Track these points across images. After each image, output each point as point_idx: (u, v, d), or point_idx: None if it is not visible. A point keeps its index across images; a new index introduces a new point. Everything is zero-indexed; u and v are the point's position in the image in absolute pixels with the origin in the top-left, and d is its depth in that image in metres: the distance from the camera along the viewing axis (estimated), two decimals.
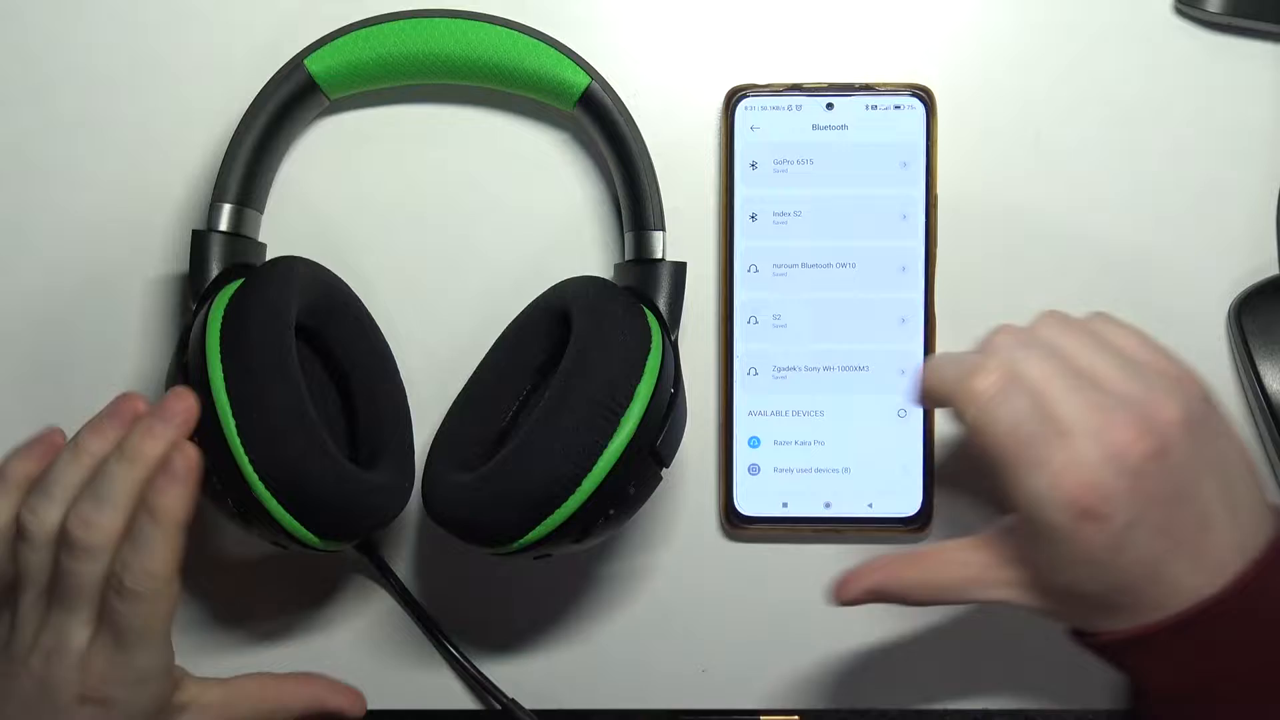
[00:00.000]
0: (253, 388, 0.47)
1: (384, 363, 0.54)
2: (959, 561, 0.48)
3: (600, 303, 0.50)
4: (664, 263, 0.53)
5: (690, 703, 0.58)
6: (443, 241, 0.57)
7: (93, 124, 0.57)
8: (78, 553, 0.46)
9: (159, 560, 0.46)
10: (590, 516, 0.48)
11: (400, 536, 0.57)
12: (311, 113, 0.55)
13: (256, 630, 0.58)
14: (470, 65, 0.54)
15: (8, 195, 0.57)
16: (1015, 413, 0.45)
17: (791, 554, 0.57)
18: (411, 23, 0.53)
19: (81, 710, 0.47)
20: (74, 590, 0.46)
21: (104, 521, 0.46)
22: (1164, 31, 0.56)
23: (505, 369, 0.53)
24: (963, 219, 0.56)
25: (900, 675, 0.58)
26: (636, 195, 0.53)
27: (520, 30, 0.54)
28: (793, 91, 0.55)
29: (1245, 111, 0.56)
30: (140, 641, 0.47)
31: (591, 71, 0.53)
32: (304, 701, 0.53)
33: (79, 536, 0.46)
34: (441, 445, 0.52)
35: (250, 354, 0.48)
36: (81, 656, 0.47)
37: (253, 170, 0.53)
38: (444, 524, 0.50)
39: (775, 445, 0.56)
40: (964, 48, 0.57)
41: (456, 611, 0.58)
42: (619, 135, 0.53)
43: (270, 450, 0.47)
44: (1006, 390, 0.46)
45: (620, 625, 0.58)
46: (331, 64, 0.53)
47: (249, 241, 0.53)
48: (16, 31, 0.57)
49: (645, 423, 0.48)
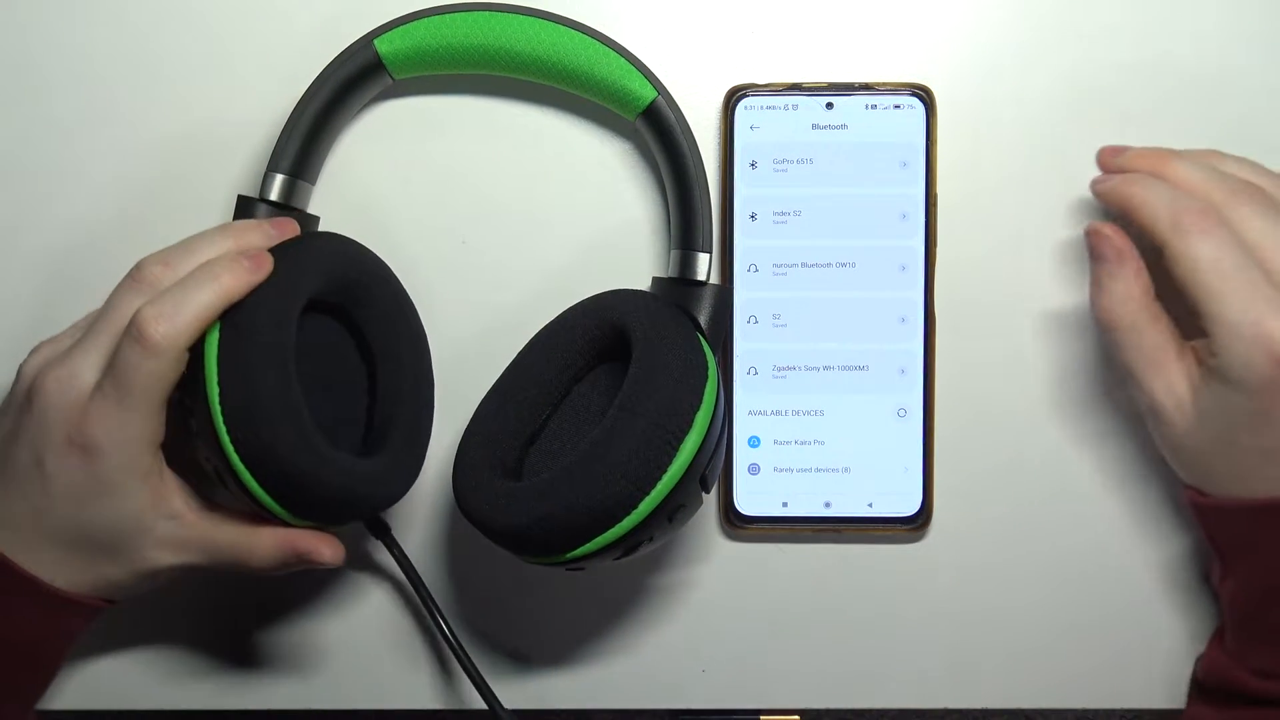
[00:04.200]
0: (241, 362, 0.47)
1: (413, 343, 0.53)
2: (1160, 330, 0.50)
3: (664, 326, 0.50)
4: (709, 285, 0.53)
5: (690, 703, 0.58)
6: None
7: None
8: (140, 285, 0.48)
9: (186, 317, 0.47)
10: (638, 536, 0.48)
11: (408, 523, 0.57)
12: (374, 91, 0.55)
13: (258, 614, 0.58)
14: (538, 64, 0.54)
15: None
16: (1220, 248, 0.47)
17: (791, 554, 0.57)
18: (485, 15, 0.54)
19: (69, 455, 0.48)
20: (110, 326, 0.48)
21: (176, 268, 0.49)
22: (1164, 31, 0.56)
23: (542, 370, 0.53)
24: (963, 219, 0.56)
25: (900, 675, 0.58)
26: (688, 214, 0.53)
27: (592, 36, 0.54)
28: (792, 91, 0.55)
29: (1246, 112, 0.56)
30: (139, 402, 0.47)
31: (659, 86, 0.53)
32: (279, 545, 0.51)
33: (151, 273, 0.49)
34: (475, 441, 0.52)
35: (245, 329, 0.48)
36: (84, 395, 0.48)
37: (310, 143, 0.53)
38: (488, 531, 0.50)
39: (775, 445, 0.56)
40: (964, 48, 0.57)
41: (456, 611, 0.58)
42: (678, 152, 0.53)
43: (246, 418, 0.47)
44: (1218, 230, 0.48)
45: (620, 625, 0.58)
46: (401, 46, 0.53)
47: (299, 213, 0.54)
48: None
49: (702, 449, 0.48)
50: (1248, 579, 0.51)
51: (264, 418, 0.47)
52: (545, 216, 0.57)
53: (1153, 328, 0.50)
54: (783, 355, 0.56)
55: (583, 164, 0.57)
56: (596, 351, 0.53)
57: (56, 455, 0.48)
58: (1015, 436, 0.57)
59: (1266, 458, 0.48)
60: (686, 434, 0.48)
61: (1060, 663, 0.57)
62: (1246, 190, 0.50)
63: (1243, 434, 0.48)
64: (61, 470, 0.48)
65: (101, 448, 0.48)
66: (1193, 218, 0.48)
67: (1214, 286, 0.48)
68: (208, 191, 0.57)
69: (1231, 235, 0.48)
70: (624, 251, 0.57)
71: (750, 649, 0.58)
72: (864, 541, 0.57)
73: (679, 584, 0.58)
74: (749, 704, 0.58)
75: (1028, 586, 0.57)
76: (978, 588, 0.57)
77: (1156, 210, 0.49)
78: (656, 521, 0.48)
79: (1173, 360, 0.50)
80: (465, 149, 0.57)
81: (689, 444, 0.48)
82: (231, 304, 0.48)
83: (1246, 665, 0.51)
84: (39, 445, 0.48)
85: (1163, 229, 0.49)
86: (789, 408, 0.56)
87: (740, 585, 0.57)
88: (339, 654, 0.58)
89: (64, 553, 0.49)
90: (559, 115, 0.57)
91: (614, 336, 0.52)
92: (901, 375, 0.56)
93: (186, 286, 0.48)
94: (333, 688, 0.58)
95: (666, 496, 0.48)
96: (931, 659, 0.57)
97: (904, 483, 0.56)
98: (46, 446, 0.48)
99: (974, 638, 0.57)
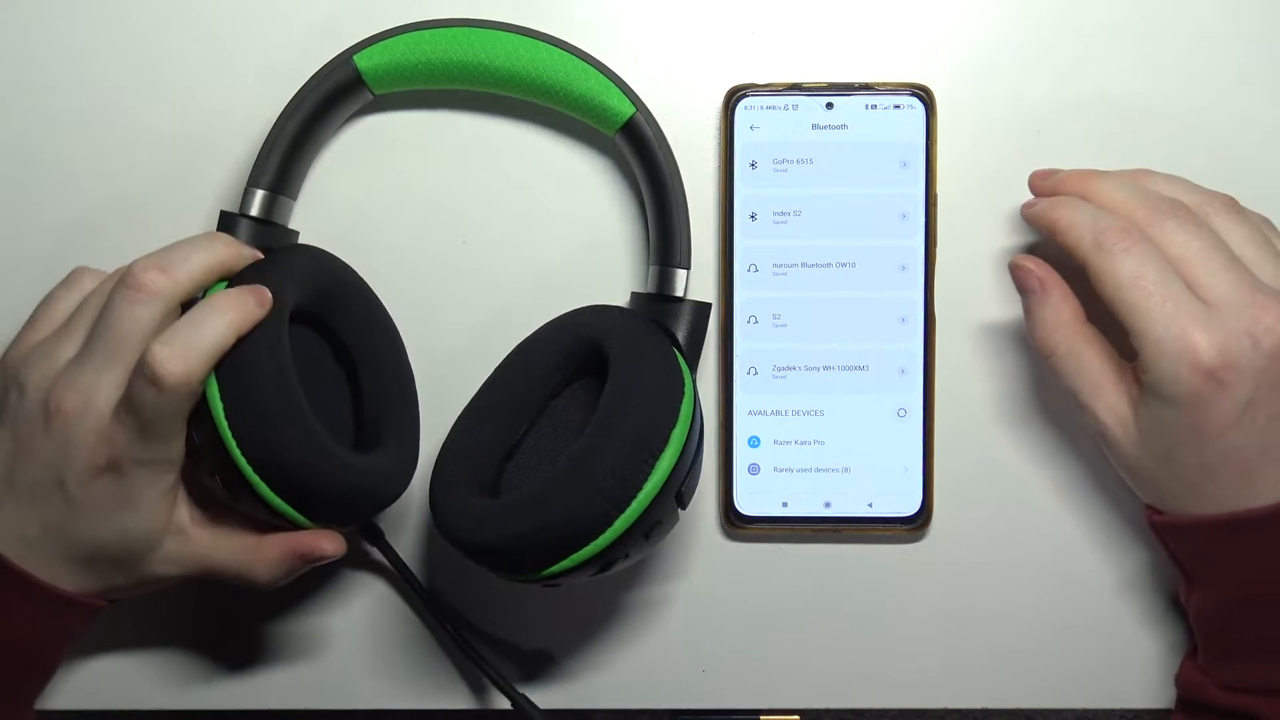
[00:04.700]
0: (241, 370, 0.48)
1: (391, 349, 0.54)
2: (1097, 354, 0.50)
3: (641, 343, 0.51)
4: (686, 302, 0.53)
5: (690, 703, 0.58)
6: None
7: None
8: (139, 295, 0.47)
9: (198, 354, 0.47)
10: (614, 553, 0.48)
11: (398, 526, 0.57)
12: (354, 107, 0.55)
13: (258, 614, 0.58)
14: (517, 80, 0.54)
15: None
16: (1142, 264, 0.47)
17: (791, 554, 0.57)
18: (464, 31, 0.54)
19: (93, 479, 0.48)
20: (119, 340, 0.47)
21: (172, 274, 0.48)
22: (1164, 31, 0.56)
23: (519, 386, 0.53)
24: (963, 219, 0.56)
25: (900, 675, 0.58)
26: (666, 230, 0.53)
27: (571, 52, 0.54)
28: (792, 91, 0.55)
29: (1246, 111, 0.56)
30: (159, 433, 0.47)
31: (637, 102, 0.53)
32: (283, 553, 0.51)
33: (149, 280, 0.48)
34: (452, 456, 0.52)
35: (242, 346, 0.48)
36: (104, 418, 0.47)
37: (290, 158, 0.53)
38: (462, 548, 0.50)
39: (775, 445, 0.56)
40: (964, 48, 0.57)
41: (454, 610, 0.58)
42: (656, 167, 0.53)
43: (256, 430, 0.47)
44: (1139, 247, 0.48)
45: (620, 624, 0.58)
46: (380, 62, 0.54)
47: (278, 228, 0.54)
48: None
49: (677, 467, 0.49)
50: (1209, 595, 0.51)
51: (270, 421, 0.47)
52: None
53: (1089, 351, 0.50)
54: (783, 355, 0.56)
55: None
56: (574, 367, 0.53)
57: (79, 478, 0.48)
58: (1015, 436, 0.57)
59: (1208, 473, 0.48)
60: (663, 451, 0.48)
61: (1059, 663, 0.57)
62: (1170, 206, 0.49)
63: (1182, 450, 0.48)
64: (84, 494, 0.48)
65: (126, 472, 0.48)
66: (1114, 236, 0.48)
67: (1137, 303, 0.47)
68: (200, 195, 0.57)
69: (1154, 251, 0.48)
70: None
71: (750, 649, 0.58)
72: (864, 541, 0.57)
73: (679, 584, 0.58)
74: (749, 704, 0.58)
75: (1027, 586, 0.57)
76: (977, 588, 0.57)
77: (1080, 231, 0.49)
78: (633, 539, 0.48)
79: (1113, 382, 0.50)
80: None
81: (664, 461, 0.48)
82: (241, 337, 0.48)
83: (1215, 679, 0.51)
84: (59, 467, 0.48)
85: (1085, 249, 0.49)
86: (789, 408, 0.56)
87: (740, 585, 0.57)
88: (339, 654, 0.58)
89: (73, 566, 0.49)
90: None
91: (591, 352, 0.52)
92: (901, 375, 0.56)
93: (196, 324, 0.47)
94: (333, 687, 0.58)
95: (642, 514, 0.48)
96: (931, 659, 0.57)
97: (904, 483, 0.56)
98: (68, 468, 0.48)
99: (974, 638, 0.57)
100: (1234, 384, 0.46)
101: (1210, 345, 0.46)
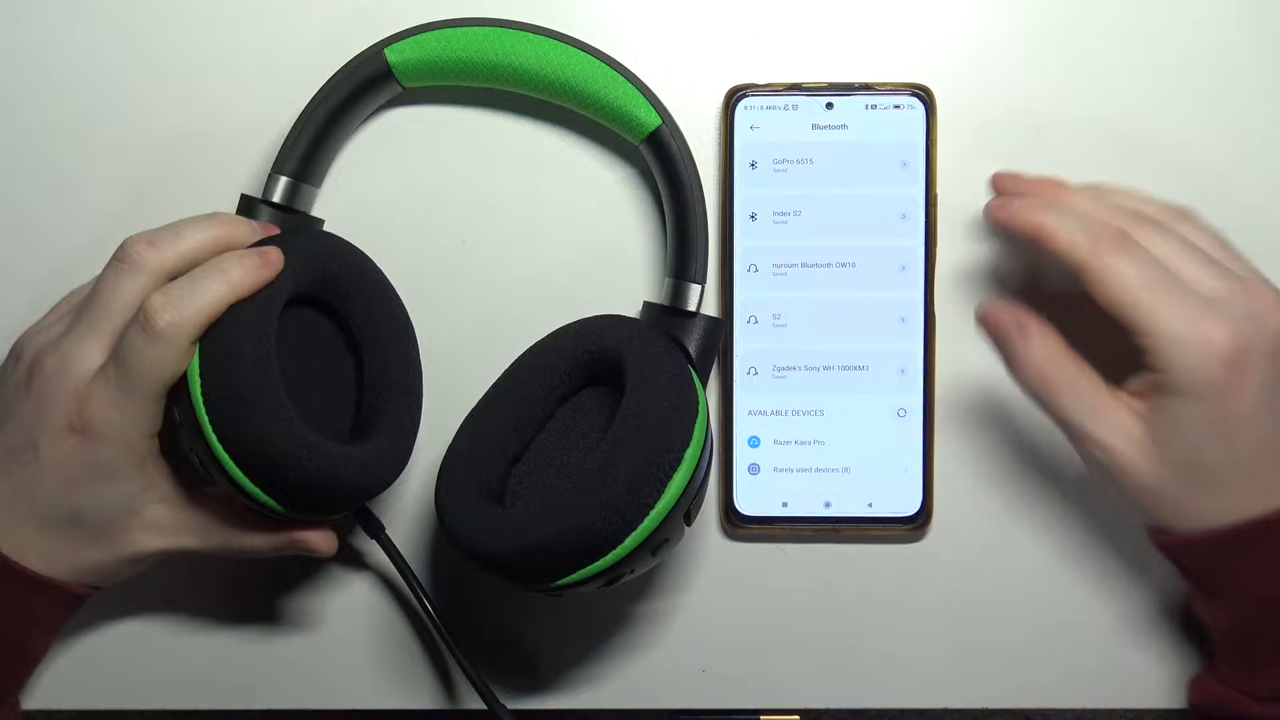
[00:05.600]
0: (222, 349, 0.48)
1: (398, 331, 0.53)
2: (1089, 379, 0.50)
3: (659, 359, 0.50)
4: (700, 316, 0.53)
5: (690, 703, 0.58)
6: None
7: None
8: (126, 266, 0.48)
9: (194, 308, 0.47)
10: (620, 569, 0.49)
11: (400, 521, 0.57)
12: (382, 99, 0.56)
13: (257, 614, 0.58)
14: (546, 83, 0.54)
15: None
16: (1143, 264, 0.48)
17: (791, 554, 0.57)
18: (497, 31, 0.54)
19: (65, 438, 0.48)
20: (103, 308, 0.48)
21: (160, 247, 0.48)
22: (1164, 31, 0.56)
23: (528, 391, 0.53)
24: (963, 219, 0.56)
25: (900, 675, 0.58)
26: (685, 244, 0.53)
27: (602, 59, 0.54)
28: (792, 91, 0.55)
29: (1246, 111, 0.56)
30: (141, 388, 0.47)
31: (665, 114, 0.53)
32: (271, 543, 0.51)
33: (136, 252, 0.48)
34: (458, 460, 0.52)
35: (226, 319, 0.48)
36: (84, 379, 0.48)
37: (315, 146, 0.54)
38: (472, 558, 0.49)
39: (775, 445, 0.56)
40: (964, 48, 0.57)
41: (453, 612, 0.58)
42: (679, 180, 0.53)
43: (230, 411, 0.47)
44: (1135, 249, 0.48)
45: (620, 625, 0.58)
46: (411, 57, 0.54)
47: (300, 214, 0.54)
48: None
49: (689, 486, 0.49)
50: (1231, 604, 0.50)
51: (243, 401, 0.47)
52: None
53: (1083, 378, 0.50)
54: (783, 355, 0.56)
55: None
56: (583, 375, 0.53)
57: (52, 438, 0.48)
58: (1015, 436, 0.57)
59: (1242, 472, 0.48)
60: (676, 470, 0.48)
61: (1060, 663, 0.57)
62: (1140, 215, 0.51)
63: (1211, 451, 0.48)
64: (55, 453, 0.48)
65: (100, 432, 0.48)
66: (1110, 240, 0.48)
67: (1147, 300, 0.47)
68: (213, 192, 0.57)
69: (1147, 252, 0.49)
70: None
71: (750, 649, 0.58)
72: (864, 541, 0.57)
73: (679, 584, 0.58)
74: (749, 704, 0.58)
75: (1028, 586, 0.57)
76: (977, 588, 0.57)
77: (1073, 235, 0.49)
78: (640, 556, 0.48)
79: (1114, 403, 0.50)
80: (469, 160, 0.57)
81: (677, 481, 0.48)
82: (240, 299, 0.48)
83: (1245, 690, 0.50)
84: (34, 427, 0.48)
85: (1081, 254, 0.49)
86: (789, 408, 0.56)
87: (740, 585, 0.57)
88: (339, 654, 0.58)
89: (45, 535, 0.49)
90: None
91: (604, 363, 0.52)
92: (901, 375, 0.56)
93: (196, 279, 0.48)
94: (332, 687, 0.58)
95: (653, 532, 0.48)
96: (931, 659, 0.58)
97: (904, 483, 0.56)
98: (42, 429, 0.48)
99: (974, 638, 0.57)
100: (1251, 368, 0.47)
101: (1223, 333, 0.47)
